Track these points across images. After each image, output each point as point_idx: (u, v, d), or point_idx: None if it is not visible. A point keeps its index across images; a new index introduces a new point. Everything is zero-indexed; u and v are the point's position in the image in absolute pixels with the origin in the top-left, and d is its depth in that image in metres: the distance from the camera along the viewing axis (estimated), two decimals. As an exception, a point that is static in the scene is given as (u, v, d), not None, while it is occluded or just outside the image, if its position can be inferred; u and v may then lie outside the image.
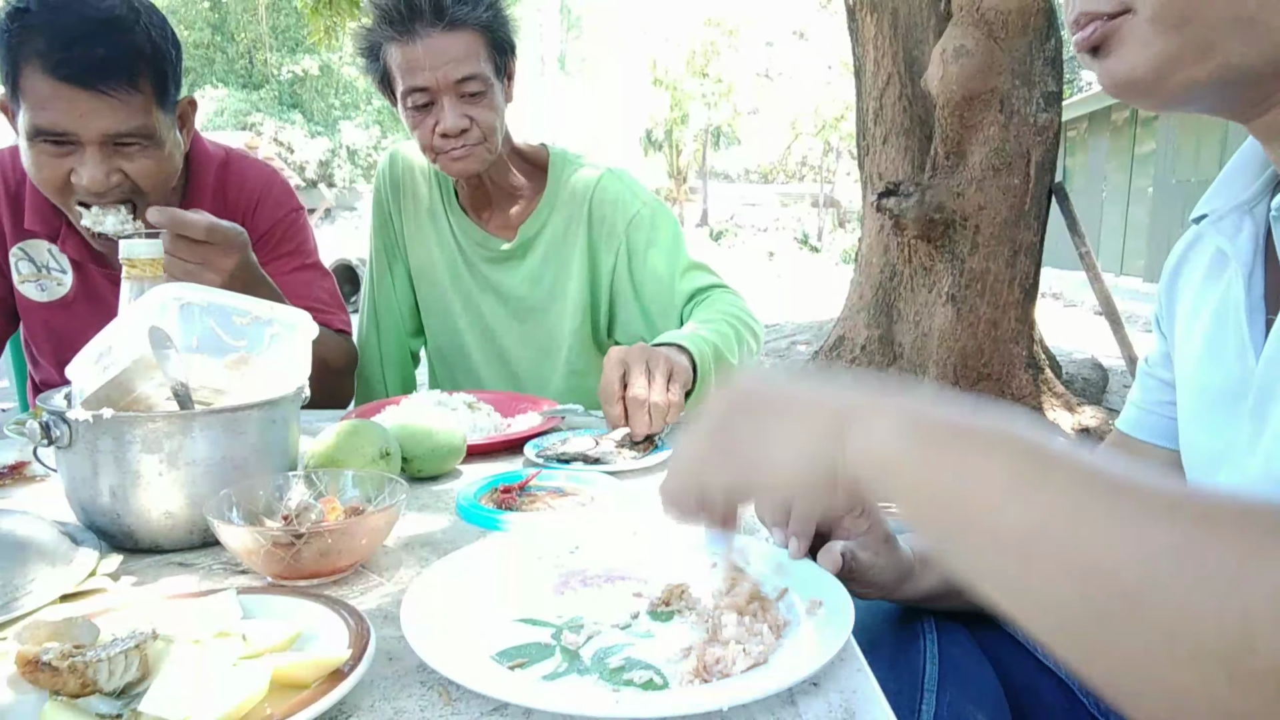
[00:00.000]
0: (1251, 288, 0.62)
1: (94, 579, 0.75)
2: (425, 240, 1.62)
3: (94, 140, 1.16)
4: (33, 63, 1.11)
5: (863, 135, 5.07)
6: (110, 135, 1.17)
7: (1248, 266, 0.62)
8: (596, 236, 1.53)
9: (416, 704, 0.57)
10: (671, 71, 25.17)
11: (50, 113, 1.13)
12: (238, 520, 0.78)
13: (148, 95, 1.18)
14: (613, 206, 1.52)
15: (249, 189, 1.44)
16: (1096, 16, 0.57)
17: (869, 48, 4.87)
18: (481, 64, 1.36)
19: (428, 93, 1.35)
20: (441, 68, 1.33)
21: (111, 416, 0.79)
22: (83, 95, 1.13)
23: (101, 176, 1.17)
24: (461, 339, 1.64)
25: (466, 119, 1.36)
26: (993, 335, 4.52)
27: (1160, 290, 0.79)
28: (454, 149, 1.39)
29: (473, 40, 1.35)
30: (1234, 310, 0.63)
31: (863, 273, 5.22)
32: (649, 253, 1.50)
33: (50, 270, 1.35)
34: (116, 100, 1.15)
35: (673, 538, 0.80)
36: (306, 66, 25.07)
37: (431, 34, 1.32)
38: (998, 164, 4.30)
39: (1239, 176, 0.66)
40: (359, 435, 0.95)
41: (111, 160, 1.18)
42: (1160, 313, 0.79)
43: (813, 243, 18.95)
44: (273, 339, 0.94)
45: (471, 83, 1.35)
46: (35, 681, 0.53)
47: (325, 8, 7.49)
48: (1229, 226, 0.65)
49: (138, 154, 1.20)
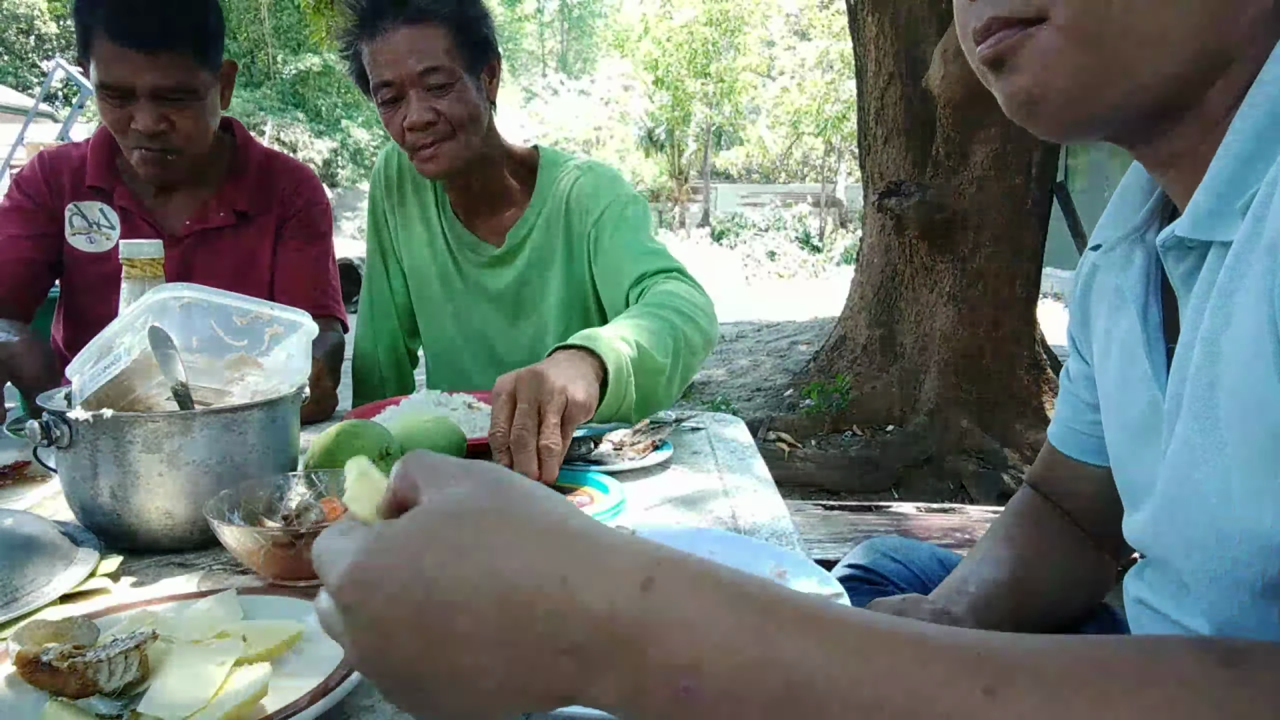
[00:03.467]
0: (1148, 319, 0.60)
1: (94, 579, 0.75)
2: (418, 241, 1.62)
3: (146, 93, 1.38)
4: (98, 28, 1.35)
5: (864, 135, 5.06)
6: (159, 89, 1.38)
7: (1140, 300, 0.61)
8: (573, 235, 1.52)
9: (415, 704, 0.57)
10: (673, 71, 25.15)
11: (111, 71, 1.36)
12: (238, 520, 0.78)
13: (189, 56, 1.40)
14: (587, 202, 1.49)
15: (289, 176, 1.66)
16: (1009, 23, 0.51)
17: (870, 47, 4.87)
18: (446, 57, 1.35)
19: (394, 87, 1.36)
20: (405, 60, 1.33)
21: (111, 416, 0.79)
22: (137, 55, 1.35)
23: (152, 123, 1.40)
24: (454, 341, 1.63)
25: (432, 111, 1.36)
26: (994, 335, 4.51)
27: (1072, 314, 0.77)
28: (423, 146, 1.38)
29: (437, 33, 1.34)
30: (1134, 344, 0.61)
31: (864, 272, 5.21)
32: (610, 240, 1.46)
33: (100, 226, 1.56)
34: (164, 60, 1.37)
35: (671, 538, 0.80)
36: (309, 64, 25.08)
37: (396, 27, 1.33)
38: (999, 164, 4.29)
39: (1128, 201, 0.65)
40: (359, 435, 0.96)
41: (160, 109, 1.40)
42: (1077, 336, 0.77)
43: (814, 242, 18.93)
44: (273, 339, 0.94)
45: (435, 75, 1.34)
46: (35, 682, 0.54)
47: (327, 7, 7.49)
48: (1120, 259, 0.63)
49: (182, 109, 1.42)
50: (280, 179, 1.65)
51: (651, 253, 1.40)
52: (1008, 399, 4.50)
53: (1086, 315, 0.74)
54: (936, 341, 4.61)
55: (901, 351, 4.91)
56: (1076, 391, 0.80)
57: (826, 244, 18.90)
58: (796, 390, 5.29)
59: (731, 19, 24.33)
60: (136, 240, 1.00)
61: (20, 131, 7.45)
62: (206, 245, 1.57)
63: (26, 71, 24.68)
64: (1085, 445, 0.80)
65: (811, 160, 28.48)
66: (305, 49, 24.64)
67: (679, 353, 1.16)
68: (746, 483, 1.07)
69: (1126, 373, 0.64)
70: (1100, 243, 0.66)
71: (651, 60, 25.05)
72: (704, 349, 1.25)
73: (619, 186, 1.52)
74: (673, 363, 1.14)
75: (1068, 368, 0.82)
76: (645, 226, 1.48)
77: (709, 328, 1.26)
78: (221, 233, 1.58)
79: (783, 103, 23.97)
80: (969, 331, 4.51)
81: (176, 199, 1.58)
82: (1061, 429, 0.83)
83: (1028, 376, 4.55)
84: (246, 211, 1.59)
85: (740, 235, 19.06)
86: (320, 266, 1.66)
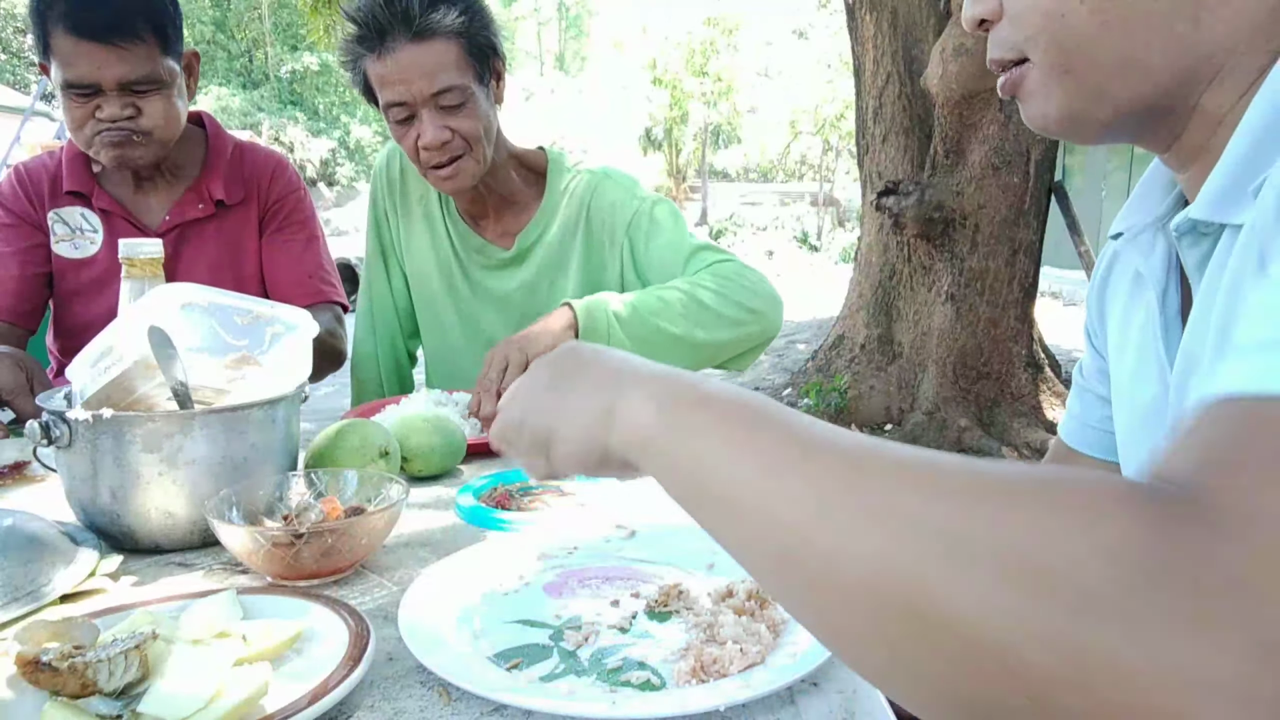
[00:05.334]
0: (1166, 306, 0.62)
1: (94, 579, 0.75)
2: (420, 242, 1.61)
3: (112, 86, 1.37)
4: (58, 26, 1.34)
5: (862, 134, 5.07)
6: (125, 82, 1.38)
7: (1160, 285, 0.63)
8: (596, 242, 1.51)
9: (416, 704, 0.57)
10: (671, 70, 25.14)
11: (75, 68, 1.35)
12: (238, 520, 0.78)
13: (153, 45, 1.39)
14: (611, 211, 1.49)
15: (261, 165, 1.65)
16: (1004, 65, 0.61)
17: (868, 46, 4.87)
18: (459, 73, 1.32)
19: (406, 107, 1.32)
20: (416, 81, 1.30)
21: (111, 416, 0.79)
22: (99, 49, 1.34)
23: (118, 110, 1.39)
24: (456, 343, 1.62)
25: (447, 130, 1.33)
26: (992, 334, 4.51)
27: (1089, 306, 0.78)
28: (440, 164, 1.36)
29: (446, 49, 1.30)
30: (1152, 329, 0.63)
31: (862, 271, 5.21)
32: (650, 245, 1.47)
33: (83, 231, 1.55)
34: (126, 51, 1.36)
35: (671, 538, 0.80)
36: (306, 63, 25.04)
37: (403, 46, 1.28)
38: (997, 163, 4.29)
39: (1152, 192, 0.67)
40: (359, 435, 0.96)
41: (127, 100, 1.40)
42: (1092, 328, 0.79)
43: (812, 241, 18.92)
44: (273, 339, 0.94)
45: (449, 94, 1.31)
46: (35, 682, 0.54)
47: (325, 7, 7.48)
48: (1143, 245, 0.65)
49: (150, 97, 1.42)
50: (254, 168, 1.64)
51: (702, 247, 1.44)
52: (1006, 398, 4.50)
53: (1104, 304, 0.76)
54: (934, 340, 4.62)
55: (899, 350, 4.91)
56: (1090, 386, 0.80)
57: (824, 243, 18.91)
58: (795, 389, 5.29)
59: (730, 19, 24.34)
60: (136, 240, 1.00)
61: (17, 130, 7.44)
62: (189, 238, 1.57)
63: (24, 70, 24.64)
64: (1096, 441, 0.80)
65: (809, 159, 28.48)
66: (303, 47, 24.60)
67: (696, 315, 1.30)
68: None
69: (1141, 359, 0.65)
70: (1122, 230, 0.68)
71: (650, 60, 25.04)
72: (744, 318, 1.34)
73: (639, 190, 1.53)
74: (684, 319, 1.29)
75: (1081, 363, 0.82)
76: (681, 223, 1.49)
77: (749, 301, 1.35)
78: (203, 224, 1.58)
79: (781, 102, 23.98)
80: (967, 330, 4.51)
81: (155, 195, 1.57)
82: (1072, 424, 0.83)
83: (1025, 375, 4.55)
84: (224, 200, 1.59)
85: (738, 235, 19.05)
86: (310, 253, 1.65)
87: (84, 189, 1.54)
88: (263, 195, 1.63)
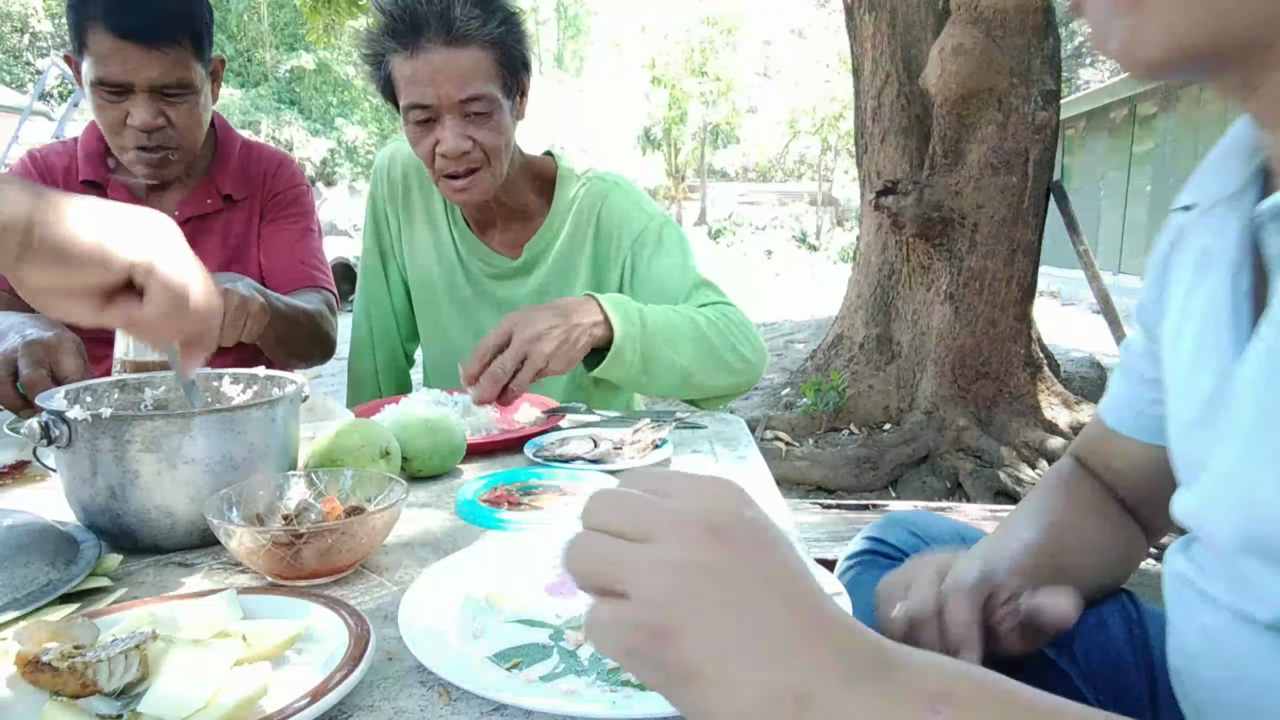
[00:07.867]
0: (1237, 288, 0.57)
1: (94, 579, 0.75)
2: (422, 246, 1.59)
3: (144, 88, 1.38)
4: (96, 23, 1.34)
5: (861, 134, 5.07)
6: (158, 85, 1.39)
7: (1234, 266, 0.57)
8: (602, 252, 1.49)
9: (416, 704, 0.57)
10: (670, 70, 25.13)
11: (109, 66, 1.35)
12: (238, 520, 0.78)
13: (188, 50, 1.40)
14: (619, 222, 1.47)
15: (267, 159, 1.70)
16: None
17: (867, 46, 4.87)
18: (489, 83, 1.28)
19: (430, 110, 1.29)
20: (445, 86, 1.26)
21: (111, 416, 0.79)
22: (136, 50, 1.35)
23: (150, 118, 1.40)
24: (456, 347, 1.59)
25: (468, 140, 1.30)
26: (991, 334, 4.51)
27: (1148, 285, 0.72)
28: (455, 173, 1.34)
29: (481, 57, 1.27)
30: (1220, 311, 0.58)
31: (861, 271, 5.21)
32: (653, 265, 1.45)
33: None
34: (163, 54, 1.37)
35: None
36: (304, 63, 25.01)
37: (437, 48, 1.25)
38: (996, 162, 4.29)
39: (1226, 163, 0.61)
40: (359, 435, 0.96)
41: (157, 105, 1.40)
42: (1149, 308, 0.73)
43: (811, 241, 18.93)
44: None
45: (477, 103, 1.28)
46: (35, 682, 0.54)
47: (324, 6, 7.46)
48: (1214, 221, 0.60)
49: (179, 102, 1.43)
50: (260, 163, 1.68)
51: (706, 284, 1.43)
52: (1004, 397, 4.50)
53: (1165, 282, 0.69)
54: (933, 340, 4.62)
55: (898, 350, 4.92)
56: (1137, 367, 0.76)
57: (823, 242, 18.91)
58: (794, 389, 5.29)
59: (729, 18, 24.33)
60: None
61: (15, 130, 7.44)
62: (199, 231, 1.58)
63: (21, 70, 24.62)
64: (1137, 423, 0.77)
65: (808, 159, 28.48)
66: (300, 46, 24.58)
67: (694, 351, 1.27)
68: (746, 481, 1.07)
69: (1200, 347, 0.60)
70: (1191, 204, 0.63)
71: (648, 59, 25.03)
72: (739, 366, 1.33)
73: (649, 205, 1.52)
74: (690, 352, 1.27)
75: (1129, 342, 0.78)
76: (688, 251, 1.48)
77: (747, 352, 1.34)
78: (213, 218, 1.61)
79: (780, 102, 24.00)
80: (966, 330, 4.51)
81: (168, 189, 1.60)
82: (1114, 404, 0.80)
83: (1024, 375, 4.55)
84: (232, 195, 1.62)
85: (737, 234, 19.05)
86: (305, 241, 1.68)
87: (99, 179, 1.55)
88: (266, 188, 1.67)
